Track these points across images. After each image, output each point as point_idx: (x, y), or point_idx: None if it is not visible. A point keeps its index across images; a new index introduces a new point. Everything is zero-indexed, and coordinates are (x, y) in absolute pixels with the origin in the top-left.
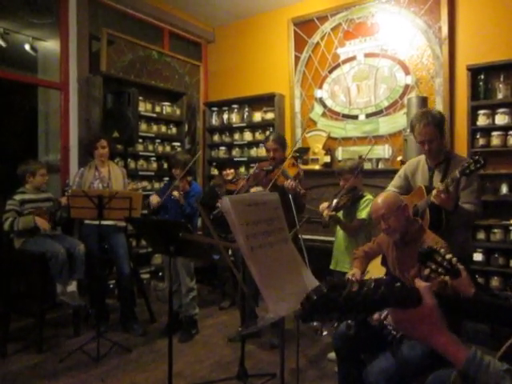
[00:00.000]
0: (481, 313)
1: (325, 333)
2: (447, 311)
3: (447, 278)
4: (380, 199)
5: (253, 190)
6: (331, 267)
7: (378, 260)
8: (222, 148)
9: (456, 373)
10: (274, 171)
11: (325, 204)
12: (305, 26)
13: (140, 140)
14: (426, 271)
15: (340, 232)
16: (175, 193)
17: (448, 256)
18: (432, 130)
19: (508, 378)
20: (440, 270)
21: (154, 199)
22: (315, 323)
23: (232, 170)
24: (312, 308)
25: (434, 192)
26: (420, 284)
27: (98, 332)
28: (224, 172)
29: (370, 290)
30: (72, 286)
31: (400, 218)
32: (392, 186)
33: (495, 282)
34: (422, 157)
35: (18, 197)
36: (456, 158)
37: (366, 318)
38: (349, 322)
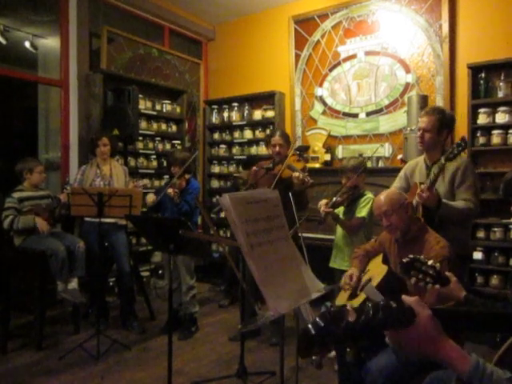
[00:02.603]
0: (474, 322)
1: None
2: (442, 324)
3: (437, 286)
4: (383, 196)
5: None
6: (330, 264)
7: (379, 258)
8: (222, 146)
9: (455, 379)
10: (273, 169)
11: (324, 201)
12: (305, 24)
13: (140, 138)
14: (412, 280)
15: (340, 229)
16: (169, 190)
17: (430, 262)
18: (431, 120)
19: None
20: (428, 279)
21: (150, 198)
22: (314, 357)
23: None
24: (311, 343)
25: (417, 191)
26: (409, 299)
27: (97, 329)
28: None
29: (368, 317)
30: (73, 284)
31: (402, 216)
32: (394, 187)
33: (495, 280)
34: (421, 157)
35: (16, 194)
36: None
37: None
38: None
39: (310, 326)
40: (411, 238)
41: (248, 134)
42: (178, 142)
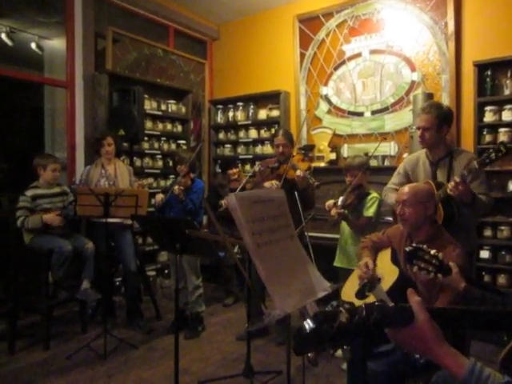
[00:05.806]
0: (474, 322)
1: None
2: (440, 324)
3: (439, 275)
4: (410, 186)
5: (267, 184)
6: (335, 264)
7: (387, 255)
8: (228, 146)
9: None
10: (279, 168)
11: (331, 201)
12: (310, 23)
13: (146, 138)
14: (414, 269)
15: (346, 229)
16: (175, 187)
17: (432, 251)
18: (430, 118)
19: None
20: (430, 268)
21: (159, 197)
22: (309, 354)
23: (237, 170)
24: (305, 341)
25: (452, 184)
26: (412, 299)
27: (104, 329)
28: (230, 171)
29: (361, 318)
30: (84, 285)
31: (418, 212)
32: (392, 184)
33: (502, 279)
34: (422, 152)
35: (29, 192)
36: (459, 152)
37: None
38: (345, 347)
39: (304, 324)
40: (425, 239)
41: (253, 133)
42: (184, 141)
